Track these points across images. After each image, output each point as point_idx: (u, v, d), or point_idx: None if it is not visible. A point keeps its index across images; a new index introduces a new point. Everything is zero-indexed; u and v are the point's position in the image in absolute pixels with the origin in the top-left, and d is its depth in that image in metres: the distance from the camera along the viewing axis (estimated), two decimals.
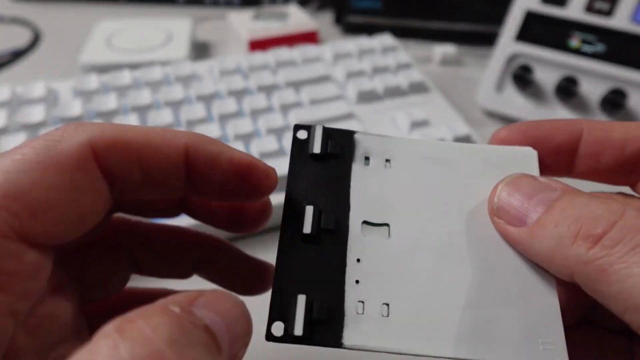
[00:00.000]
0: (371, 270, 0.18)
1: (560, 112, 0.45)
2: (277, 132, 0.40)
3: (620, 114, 0.43)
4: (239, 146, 0.38)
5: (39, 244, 0.15)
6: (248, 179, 0.18)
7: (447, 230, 0.19)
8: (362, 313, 0.17)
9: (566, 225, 0.16)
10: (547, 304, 0.17)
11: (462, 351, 0.16)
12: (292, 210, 0.18)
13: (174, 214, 0.22)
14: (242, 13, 0.61)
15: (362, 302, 0.17)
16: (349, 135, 0.20)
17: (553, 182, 0.17)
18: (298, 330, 0.16)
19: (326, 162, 0.19)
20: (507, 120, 0.48)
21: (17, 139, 0.37)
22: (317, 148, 0.19)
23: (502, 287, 0.17)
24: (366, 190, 0.19)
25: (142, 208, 0.21)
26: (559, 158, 0.21)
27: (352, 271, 0.17)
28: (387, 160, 0.20)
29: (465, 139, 0.40)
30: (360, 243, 0.18)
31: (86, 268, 0.20)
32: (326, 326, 0.16)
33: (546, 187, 0.17)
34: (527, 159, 0.20)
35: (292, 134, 0.20)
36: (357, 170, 0.20)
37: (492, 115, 0.49)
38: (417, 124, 0.41)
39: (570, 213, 0.16)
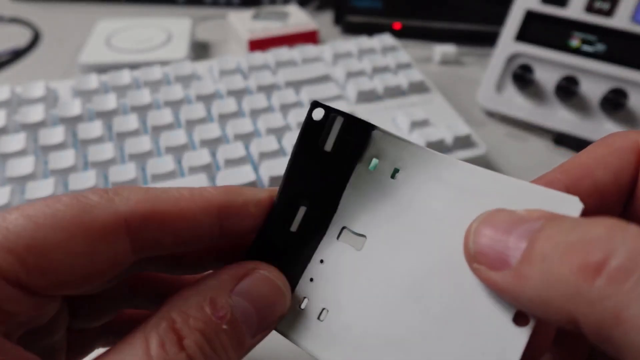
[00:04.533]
0: (328, 274, 0.18)
1: (560, 112, 0.45)
2: (277, 132, 0.40)
3: (621, 114, 0.43)
4: (238, 146, 0.38)
5: (43, 294, 0.15)
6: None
7: (424, 269, 0.16)
8: (301, 309, 0.18)
9: (557, 256, 0.13)
10: None
11: None
12: (285, 201, 0.18)
13: (202, 268, 0.20)
14: (242, 13, 0.61)
15: (307, 298, 0.18)
16: (367, 130, 0.18)
17: (533, 212, 0.15)
18: None
19: (332, 155, 0.18)
20: (507, 120, 0.48)
21: (16, 139, 0.37)
22: (329, 145, 0.18)
23: (453, 347, 0.15)
24: (359, 196, 0.18)
25: (168, 264, 0.20)
26: (605, 199, 0.17)
27: (311, 269, 0.18)
28: (396, 170, 0.18)
29: (465, 139, 0.40)
30: (331, 246, 0.18)
31: (91, 307, 0.20)
32: None
33: (525, 219, 0.14)
34: (569, 210, 0.15)
35: (308, 112, 0.18)
36: (359, 172, 0.18)
37: (492, 115, 0.49)
38: (417, 124, 0.41)
39: (559, 240, 0.13)
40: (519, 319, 0.15)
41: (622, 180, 0.17)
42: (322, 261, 0.18)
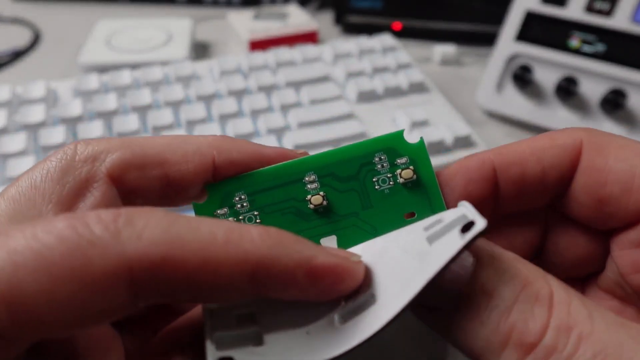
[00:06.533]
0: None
1: (560, 112, 0.45)
2: (277, 132, 0.40)
3: (620, 114, 0.43)
4: None
5: (10, 338, 0.12)
6: (331, 286, 0.14)
7: None
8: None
9: (494, 324, 0.13)
10: None
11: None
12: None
13: None
14: (242, 13, 0.61)
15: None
16: None
17: None
18: None
19: None
20: (507, 120, 0.48)
21: (17, 139, 0.37)
22: None
23: None
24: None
25: None
26: (527, 191, 0.18)
27: None
28: None
29: (465, 139, 0.40)
30: None
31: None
32: None
33: None
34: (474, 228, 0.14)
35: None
36: None
37: (492, 115, 0.49)
38: (417, 124, 0.41)
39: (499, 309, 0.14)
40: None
41: (549, 177, 0.17)
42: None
